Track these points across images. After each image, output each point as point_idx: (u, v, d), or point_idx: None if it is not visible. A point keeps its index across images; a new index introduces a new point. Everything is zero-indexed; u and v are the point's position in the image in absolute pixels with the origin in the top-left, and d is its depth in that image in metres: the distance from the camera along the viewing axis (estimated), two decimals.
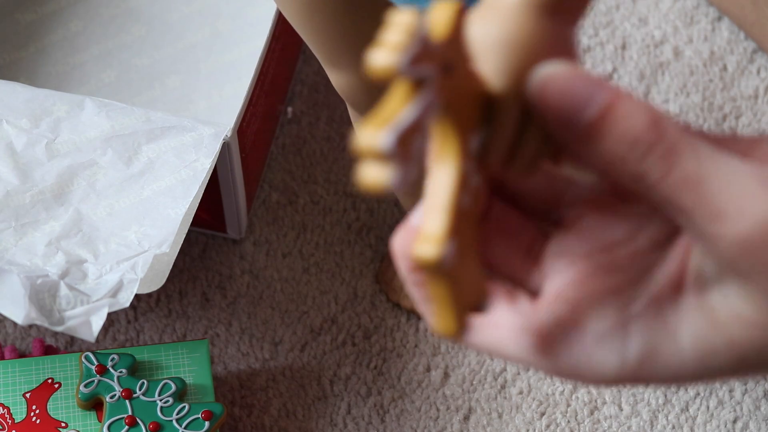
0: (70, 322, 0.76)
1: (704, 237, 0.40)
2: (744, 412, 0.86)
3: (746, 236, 0.39)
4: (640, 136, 0.40)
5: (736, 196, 0.39)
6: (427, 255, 0.39)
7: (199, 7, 0.94)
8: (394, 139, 0.36)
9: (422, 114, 0.38)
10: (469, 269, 0.42)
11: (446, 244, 0.39)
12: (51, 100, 0.84)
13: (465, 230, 0.41)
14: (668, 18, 1.02)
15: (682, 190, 0.40)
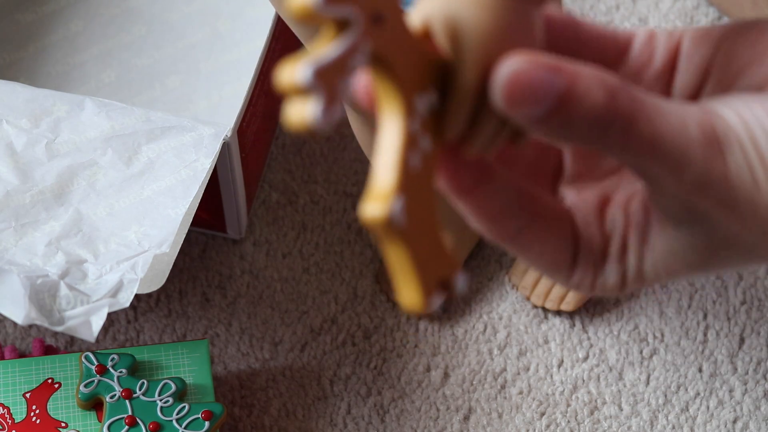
0: (70, 322, 0.76)
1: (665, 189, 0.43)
2: (744, 412, 0.86)
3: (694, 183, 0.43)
4: (601, 110, 0.41)
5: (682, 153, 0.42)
6: (374, 213, 0.39)
7: (199, 7, 0.94)
8: (311, 72, 0.37)
9: (345, 53, 0.38)
10: (429, 238, 0.41)
11: (393, 201, 0.39)
12: (51, 100, 0.84)
13: (420, 195, 0.41)
14: (668, 18, 1.02)
15: (638, 154, 0.42)
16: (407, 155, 0.41)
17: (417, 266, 0.41)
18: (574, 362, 0.88)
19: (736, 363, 0.88)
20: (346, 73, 0.39)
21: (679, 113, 0.43)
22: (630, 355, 0.88)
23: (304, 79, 0.37)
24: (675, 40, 0.48)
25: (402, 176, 0.40)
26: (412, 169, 0.41)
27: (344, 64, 0.38)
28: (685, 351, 0.88)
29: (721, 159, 0.43)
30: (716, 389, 0.87)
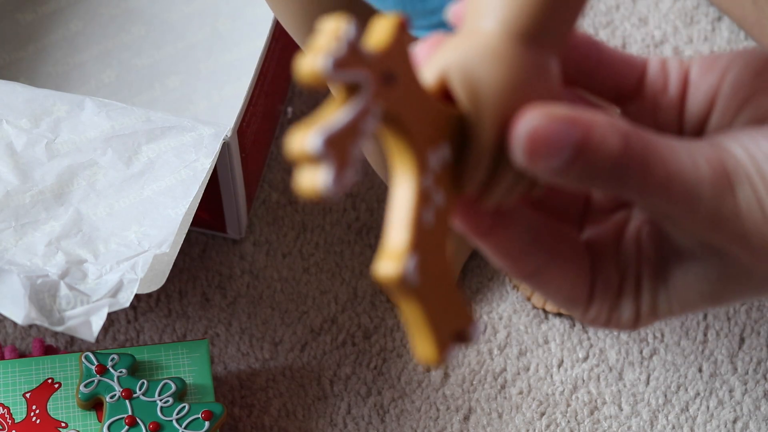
0: (70, 322, 0.76)
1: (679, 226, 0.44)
2: (744, 412, 0.86)
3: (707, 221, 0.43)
4: (617, 158, 0.42)
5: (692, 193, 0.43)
6: (388, 272, 0.39)
7: (199, 7, 0.94)
8: (322, 141, 0.37)
9: (356, 118, 0.38)
10: (443, 292, 0.42)
11: (407, 260, 0.39)
12: (51, 100, 0.84)
13: (433, 250, 0.41)
14: (668, 18, 1.02)
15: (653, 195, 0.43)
16: (420, 213, 0.40)
17: (431, 322, 0.41)
18: (574, 362, 0.88)
19: (736, 363, 0.88)
20: (358, 138, 0.38)
21: (689, 152, 0.43)
22: (630, 355, 0.88)
23: (315, 148, 0.37)
24: (685, 68, 0.48)
25: (415, 234, 0.40)
26: (426, 224, 0.41)
27: (355, 129, 0.38)
28: (685, 351, 0.88)
29: (731, 195, 0.43)
30: (716, 389, 0.87)
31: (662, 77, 0.48)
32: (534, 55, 0.43)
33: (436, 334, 0.41)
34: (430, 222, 0.41)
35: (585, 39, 0.48)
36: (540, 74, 0.43)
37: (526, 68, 0.43)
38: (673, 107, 0.49)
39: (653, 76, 0.49)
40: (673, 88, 0.48)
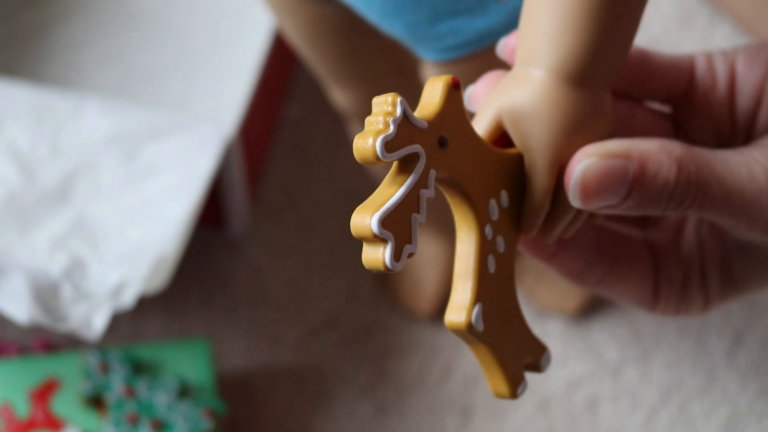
0: (73, 321, 0.76)
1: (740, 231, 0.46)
2: (741, 410, 0.87)
3: None
4: (673, 186, 0.44)
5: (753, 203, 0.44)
6: (456, 322, 0.43)
7: (200, 8, 0.95)
8: (377, 223, 0.40)
9: (411, 192, 0.41)
10: (512, 330, 0.44)
11: (472, 310, 0.43)
12: (53, 100, 0.84)
13: (498, 293, 0.44)
14: (668, 17, 1.02)
15: (715, 211, 0.45)
16: (484, 263, 0.43)
17: (501, 361, 0.44)
18: (573, 360, 0.88)
19: (733, 361, 0.88)
20: (416, 208, 0.41)
21: (746, 164, 0.45)
22: (628, 353, 0.89)
23: (374, 230, 0.40)
24: (731, 62, 0.49)
25: (479, 284, 0.43)
26: (490, 272, 0.44)
27: (411, 203, 0.41)
28: (682, 349, 0.89)
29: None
30: (714, 387, 0.87)
31: (710, 74, 0.49)
32: (584, 96, 0.44)
33: (506, 371, 0.44)
34: (494, 268, 0.44)
35: (636, 53, 0.49)
36: (591, 115, 0.45)
37: (575, 111, 0.44)
38: (724, 103, 0.49)
39: (701, 75, 0.49)
40: (722, 84, 0.49)
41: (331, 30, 0.70)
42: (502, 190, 0.44)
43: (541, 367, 0.46)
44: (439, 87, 0.42)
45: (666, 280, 0.50)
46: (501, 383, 0.45)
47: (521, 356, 0.45)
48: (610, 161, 0.44)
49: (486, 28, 0.62)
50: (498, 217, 0.44)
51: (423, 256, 0.88)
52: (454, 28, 0.62)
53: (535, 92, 0.44)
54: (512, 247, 0.45)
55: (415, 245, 0.41)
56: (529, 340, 0.45)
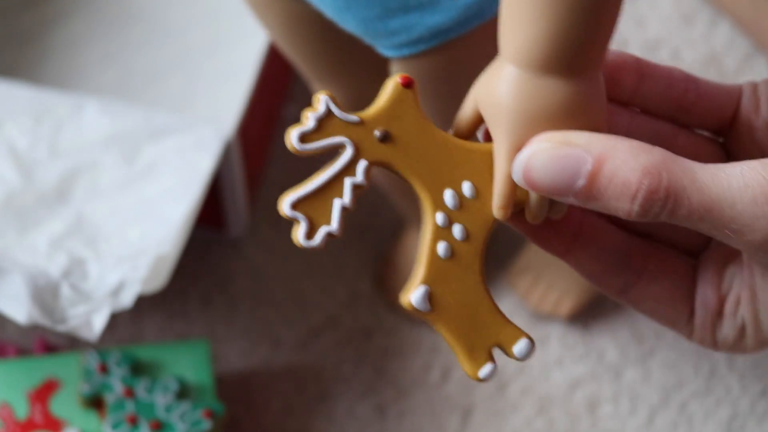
0: (72, 321, 0.76)
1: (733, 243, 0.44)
2: (741, 411, 0.87)
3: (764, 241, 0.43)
4: (635, 190, 0.43)
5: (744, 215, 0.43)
6: (403, 302, 0.46)
7: (199, 8, 0.95)
8: (288, 205, 0.45)
9: (333, 178, 0.46)
10: (474, 312, 0.47)
11: (415, 291, 0.46)
12: (53, 101, 0.84)
13: (457, 277, 0.47)
14: (667, 18, 1.02)
15: (697, 222, 0.43)
16: (434, 249, 0.46)
17: (458, 342, 0.47)
18: (573, 361, 0.88)
19: (733, 362, 0.88)
20: (339, 193, 0.46)
21: (740, 176, 0.43)
22: (628, 354, 0.89)
23: (284, 211, 0.45)
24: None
25: (427, 268, 0.46)
26: (444, 257, 0.46)
27: (334, 188, 0.46)
28: (683, 350, 0.89)
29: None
30: (714, 388, 0.87)
31: (754, 99, 0.49)
32: (553, 83, 0.45)
33: (467, 352, 0.47)
34: (448, 254, 0.46)
35: (681, 75, 0.49)
36: (565, 101, 0.45)
37: (541, 98, 0.45)
38: (765, 126, 0.49)
39: (746, 100, 0.49)
40: (764, 109, 0.49)
41: (305, 26, 0.70)
42: (465, 181, 0.46)
43: (515, 354, 0.48)
44: (389, 85, 0.46)
45: (702, 306, 0.49)
46: (463, 362, 0.47)
47: (486, 339, 0.47)
48: (562, 150, 0.43)
49: (437, 24, 0.62)
50: (458, 207, 0.46)
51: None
52: (405, 25, 0.62)
53: (500, 82, 0.45)
54: (480, 236, 0.47)
55: (336, 227, 0.45)
56: (498, 325, 0.47)
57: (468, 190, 0.47)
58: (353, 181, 0.46)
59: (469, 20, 0.62)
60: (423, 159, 0.46)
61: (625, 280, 0.49)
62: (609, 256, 0.49)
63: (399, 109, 0.46)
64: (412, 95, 0.46)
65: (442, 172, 0.47)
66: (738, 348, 0.49)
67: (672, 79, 0.49)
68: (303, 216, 0.45)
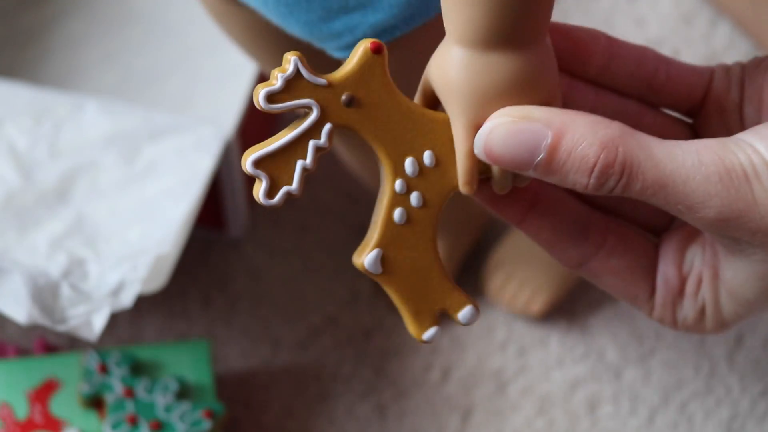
0: (72, 321, 0.76)
1: (687, 219, 0.45)
2: (742, 411, 0.87)
3: (718, 216, 0.44)
4: (592, 164, 0.44)
5: (697, 192, 0.44)
6: (355, 262, 0.48)
7: (200, 8, 0.95)
8: (250, 163, 0.46)
9: (297, 139, 0.47)
10: (421, 278, 0.49)
11: (369, 253, 0.48)
12: (53, 101, 0.84)
13: (411, 242, 0.48)
14: (667, 18, 1.02)
15: (650, 196, 0.44)
16: (390, 214, 0.48)
17: (406, 304, 0.49)
18: (573, 361, 0.88)
19: (733, 362, 0.88)
20: (302, 155, 0.47)
21: (695, 154, 0.44)
22: (628, 354, 0.89)
23: (247, 168, 0.46)
24: (743, 69, 0.49)
25: (382, 232, 0.48)
26: (399, 223, 0.48)
27: (298, 149, 0.47)
28: (683, 350, 0.89)
29: (746, 190, 0.43)
30: (714, 388, 0.87)
31: (726, 81, 0.49)
32: (498, 58, 0.46)
33: (413, 314, 0.49)
34: (404, 220, 0.48)
35: (652, 55, 0.49)
36: (513, 74, 0.46)
37: (487, 74, 0.46)
38: (735, 109, 0.49)
39: (718, 82, 0.49)
40: (734, 91, 0.49)
41: (261, 34, 0.70)
42: (427, 150, 0.48)
43: (460, 320, 0.49)
44: (358, 50, 0.47)
45: (663, 284, 0.49)
46: (408, 323, 0.49)
47: (432, 304, 0.49)
48: (522, 124, 0.44)
49: (380, 22, 0.62)
50: (417, 175, 0.48)
51: None
52: (348, 26, 0.63)
53: (448, 63, 0.46)
54: (436, 203, 0.48)
55: (297, 187, 0.47)
56: (446, 291, 0.49)
57: (428, 158, 0.48)
58: (316, 144, 0.47)
59: (413, 17, 0.62)
60: (387, 126, 0.47)
61: (582, 252, 0.49)
62: (566, 227, 0.49)
63: (367, 74, 0.47)
64: (380, 61, 0.47)
65: (405, 140, 0.48)
66: (697, 328, 0.50)
67: (643, 59, 0.50)
68: (265, 174, 0.46)
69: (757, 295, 0.47)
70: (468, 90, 0.46)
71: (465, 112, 0.46)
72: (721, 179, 0.43)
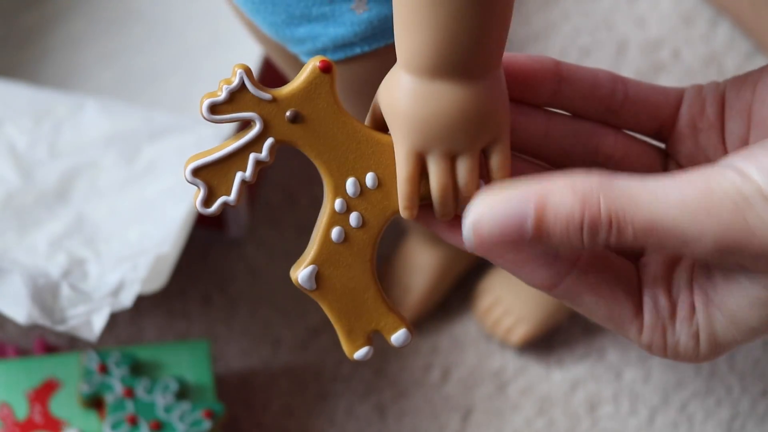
0: (72, 321, 0.76)
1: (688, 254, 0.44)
2: (742, 411, 0.87)
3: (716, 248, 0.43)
4: (579, 223, 0.43)
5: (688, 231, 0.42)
6: (291, 276, 0.49)
7: (199, 8, 0.95)
8: (189, 171, 0.47)
9: (237, 152, 0.48)
10: (358, 297, 0.49)
11: (303, 269, 0.49)
12: (52, 100, 0.84)
13: (343, 262, 0.49)
14: (667, 18, 1.02)
15: (645, 242, 0.43)
16: (328, 232, 0.49)
17: (339, 321, 0.49)
18: (573, 361, 0.88)
19: (733, 362, 0.88)
20: (242, 167, 0.48)
21: (679, 191, 0.43)
22: (629, 354, 0.89)
23: (186, 176, 0.47)
24: (722, 90, 0.49)
25: (319, 250, 0.49)
26: (336, 241, 0.49)
27: (238, 161, 0.48)
28: None
29: (739, 220, 0.42)
30: (714, 388, 0.87)
31: (699, 100, 0.49)
32: (446, 86, 0.46)
33: (346, 332, 0.50)
34: (341, 239, 0.49)
35: (607, 77, 0.49)
36: (451, 105, 0.46)
37: (432, 102, 0.46)
38: (713, 127, 0.48)
39: (690, 101, 0.49)
40: (711, 110, 0.48)
41: (249, 24, 0.71)
42: (370, 172, 0.48)
43: (393, 342, 0.50)
44: (307, 67, 0.47)
45: (653, 306, 0.48)
46: (342, 342, 0.50)
47: (366, 324, 0.50)
48: (503, 206, 0.43)
49: (340, 37, 0.62)
50: (358, 195, 0.48)
51: (414, 263, 0.88)
52: (311, 34, 0.63)
53: (396, 88, 0.46)
54: (376, 225, 0.49)
55: (234, 198, 0.48)
56: (380, 312, 0.50)
57: (371, 180, 0.48)
58: (257, 157, 0.48)
59: (375, 37, 0.62)
60: (330, 144, 0.48)
61: (554, 272, 0.47)
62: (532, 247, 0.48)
63: (313, 92, 0.47)
64: (328, 80, 0.47)
65: (348, 160, 0.48)
66: (689, 355, 0.48)
67: (596, 81, 0.49)
68: (203, 183, 0.47)
69: (761, 321, 0.46)
70: (411, 117, 0.46)
71: (407, 138, 0.46)
72: (710, 215, 0.42)
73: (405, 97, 0.46)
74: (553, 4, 1.03)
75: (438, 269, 0.88)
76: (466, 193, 0.47)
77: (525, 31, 1.01)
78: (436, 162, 0.47)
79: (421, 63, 0.45)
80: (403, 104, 0.46)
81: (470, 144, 0.46)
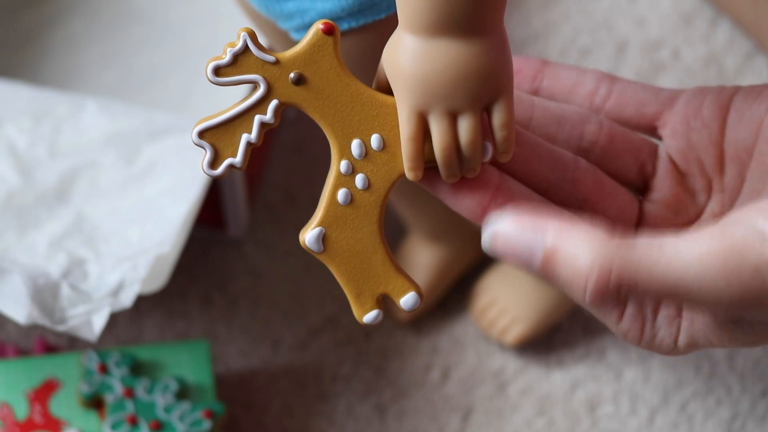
0: (72, 321, 0.76)
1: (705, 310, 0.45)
2: (742, 411, 0.87)
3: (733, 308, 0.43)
4: (584, 285, 0.43)
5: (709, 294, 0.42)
6: (300, 239, 0.49)
7: (199, 8, 0.95)
8: (195, 133, 0.48)
9: (243, 114, 0.48)
10: (366, 259, 0.50)
11: (310, 232, 0.49)
12: (52, 100, 0.84)
13: (354, 224, 0.49)
14: (667, 18, 1.02)
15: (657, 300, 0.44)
16: (335, 194, 0.49)
17: (348, 283, 0.50)
18: (573, 361, 0.88)
19: (734, 362, 0.88)
20: (248, 129, 0.48)
21: (700, 256, 0.42)
22: (629, 354, 0.89)
23: (193, 139, 0.48)
24: (727, 95, 0.49)
25: (326, 212, 0.49)
26: (342, 204, 0.49)
27: (243, 123, 0.48)
28: None
29: (759, 281, 0.42)
30: (714, 388, 0.87)
31: (697, 100, 0.49)
32: (447, 44, 0.46)
33: (355, 295, 0.50)
34: (348, 201, 0.49)
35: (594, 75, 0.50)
36: (452, 62, 0.46)
37: (433, 60, 0.46)
38: (706, 127, 0.49)
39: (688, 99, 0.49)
40: (707, 111, 0.49)
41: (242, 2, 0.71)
42: (375, 134, 0.48)
43: (402, 305, 0.51)
44: (311, 30, 0.48)
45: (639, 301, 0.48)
46: (352, 304, 0.50)
47: (374, 287, 0.50)
48: (517, 237, 0.43)
49: (328, 11, 0.63)
50: (364, 157, 0.48)
51: (416, 261, 0.88)
52: (299, 9, 0.63)
53: (398, 49, 0.47)
54: (382, 187, 0.49)
55: (240, 160, 0.48)
56: (389, 275, 0.50)
57: (376, 142, 0.48)
58: (262, 119, 0.48)
59: (362, 13, 0.62)
60: (334, 106, 0.48)
61: None
62: None
63: (317, 54, 0.48)
64: (332, 42, 0.48)
65: (352, 122, 0.48)
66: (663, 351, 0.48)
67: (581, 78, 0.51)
68: (209, 145, 0.48)
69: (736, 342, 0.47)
70: (412, 75, 0.46)
71: (409, 97, 0.46)
72: (730, 285, 0.42)
73: (406, 56, 0.46)
74: (553, 4, 1.03)
75: (438, 268, 0.88)
76: (468, 153, 0.47)
77: (525, 31, 1.01)
78: (437, 121, 0.47)
79: (421, 21, 0.45)
80: (404, 63, 0.46)
81: (471, 102, 0.46)
